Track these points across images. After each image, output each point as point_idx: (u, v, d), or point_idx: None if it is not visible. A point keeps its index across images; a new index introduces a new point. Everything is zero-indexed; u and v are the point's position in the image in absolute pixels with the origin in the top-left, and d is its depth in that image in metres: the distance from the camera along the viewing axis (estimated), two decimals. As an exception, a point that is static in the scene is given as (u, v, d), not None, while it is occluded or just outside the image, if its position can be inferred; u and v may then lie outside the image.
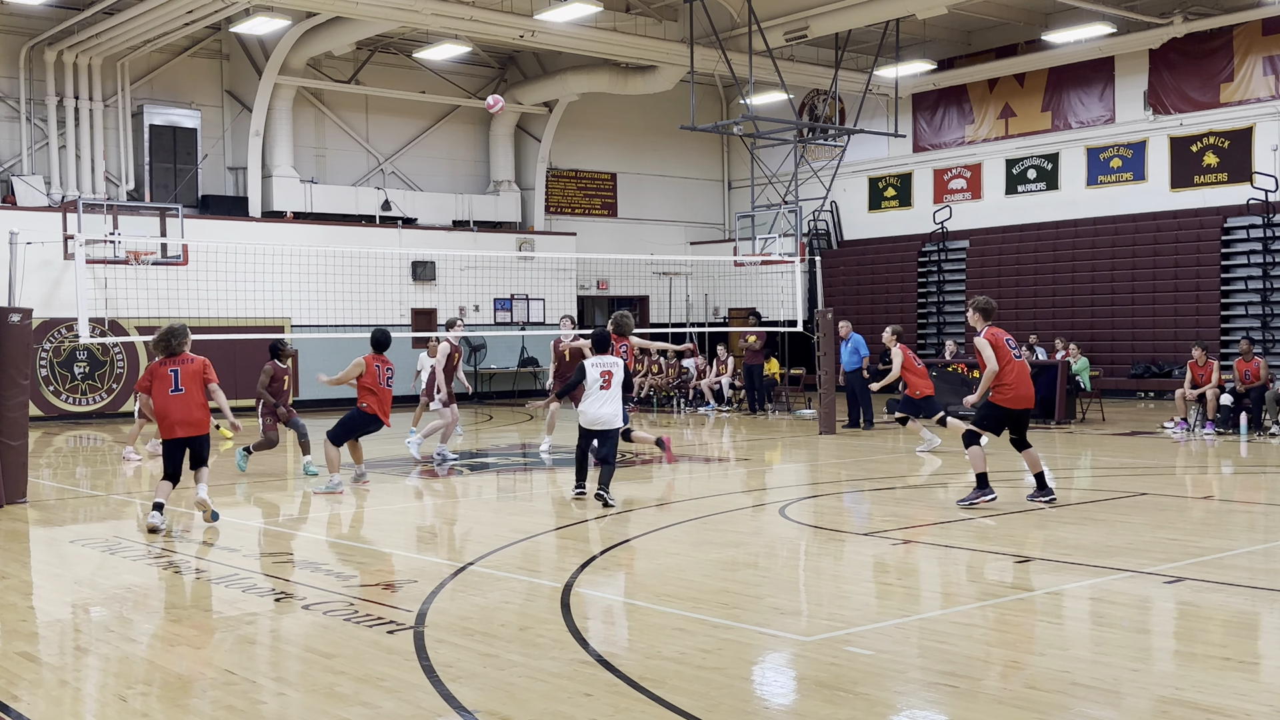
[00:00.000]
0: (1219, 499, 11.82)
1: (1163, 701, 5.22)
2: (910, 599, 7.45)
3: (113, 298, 21.73)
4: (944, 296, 28.29)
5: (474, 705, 5.25)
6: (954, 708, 5.19)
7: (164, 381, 10.11)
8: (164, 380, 10.12)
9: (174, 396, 10.09)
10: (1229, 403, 17.49)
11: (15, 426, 11.79)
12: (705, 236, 33.27)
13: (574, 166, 31.54)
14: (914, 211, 29.90)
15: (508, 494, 12.61)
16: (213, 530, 10.07)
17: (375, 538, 10.29)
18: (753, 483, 13.36)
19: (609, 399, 11.32)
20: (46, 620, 7.22)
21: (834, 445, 16.88)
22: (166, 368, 10.15)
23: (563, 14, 22.79)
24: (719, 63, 24.17)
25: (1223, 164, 24.77)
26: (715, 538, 9.69)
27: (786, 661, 6.05)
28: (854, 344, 19.23)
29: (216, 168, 26.21)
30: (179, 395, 10.09)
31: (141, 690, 5.62)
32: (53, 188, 23.71)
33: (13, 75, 23.80)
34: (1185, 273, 24.44)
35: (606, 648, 6.15)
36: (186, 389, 10.11)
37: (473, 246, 27.68)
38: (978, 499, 10.51)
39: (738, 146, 33.13)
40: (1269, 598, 7.19)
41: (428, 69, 28.73)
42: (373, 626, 6.63)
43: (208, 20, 22.61)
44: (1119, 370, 24.51)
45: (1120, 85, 26.18)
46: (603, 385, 11.32)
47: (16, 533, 10.33)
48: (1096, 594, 7.36)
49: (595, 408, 11.30)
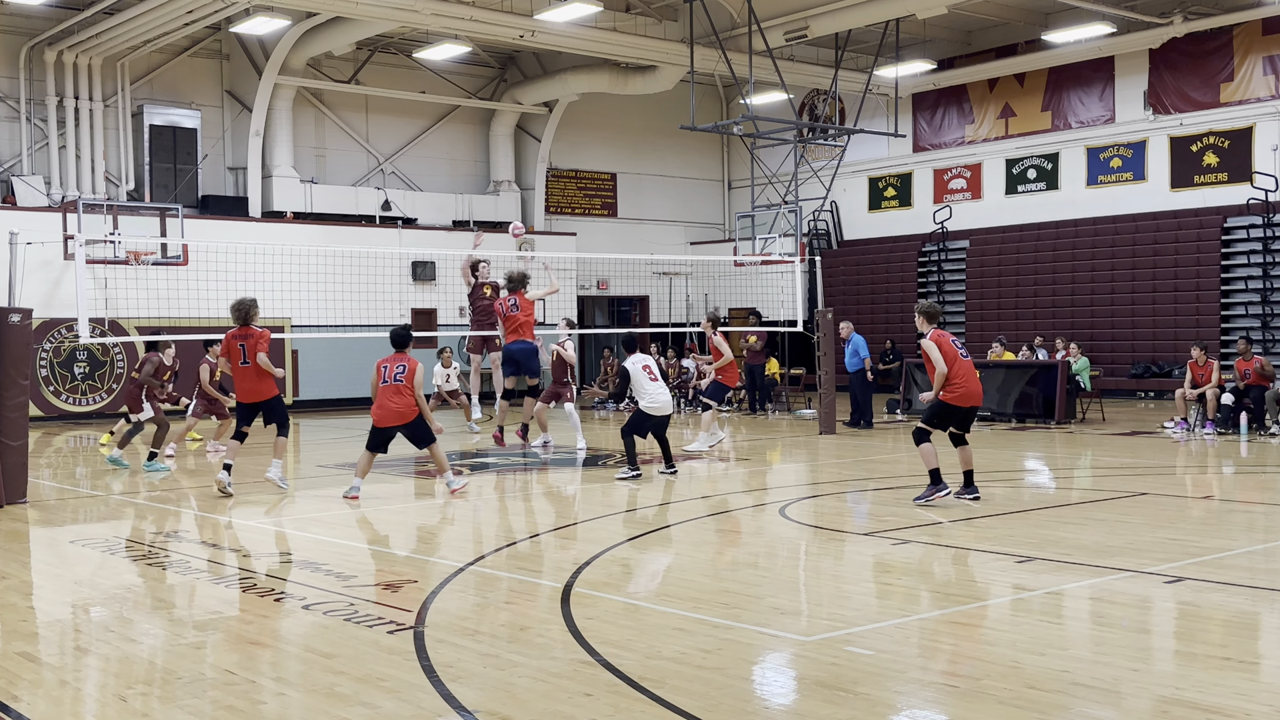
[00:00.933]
0: (1219, 499, 11.82)
1: (1163, 701, 5.22)
2: (910, 599, 7.45)
3: (113, 298, 21.73)
4: (944, 296, 28.28)
5: (474, 705, 5.25)
6: (954, 708, 5.19)
7: (234, 355, 11.67)
8: (235, 354, 11.67)
9: (242, 369, 11.59)
10: (1230, 402, 17.50)
11: (15, 426, 11.79)
12: (705, 236, 33.27)
13: (574, 166, 31.54)
14: (914, 211, 29.91)
15: (508, 494, 12.61)
16: (213, 530, 10.07)
17: (375, 538, 10.29)
18: (753, 483, 13.36)
19: (663, 387, 13.17)
20: (46, 620, 7.22)
21: (834, 445, 16.88)
22: (237, 342, 11.64)
23: (563, 14, 22.79)
24: (719, 63, 24.17)
25: (1223, 164, 24.77)
26: (715, 538, 9.68)
27: (786, 661, 6.05)
28: (855, 345, 19.22)
29: (216, 168, 26.21)
30: (246, 368, 11.60)
31: (141, 690, 5.62)
32: (53, 188, 23.71)
33: (13, 75, 23.81)
34: (1185, 273, 24.44)
35: (606, 648, 6.15)
36: (253, 362, 11.60)
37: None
38: (933, 495, 10.61)
39: (738, 146, 33.13)
40: (1269, 598, 7.19)
41: (428, 69, 28.73)
42: (373, 626, 6.63)
43: (208, 20, 22.62)
44: (1119, 370, 24.52)
45: (1120, 85, 26.18)
46: (651, 378, 13.02)
47: (16, 533, 10.34)
48: (1096, 594, 7.36)
49: (661, 395, 13.02)
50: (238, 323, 11.77)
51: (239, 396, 11.88)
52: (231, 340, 11.71)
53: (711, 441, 15.87)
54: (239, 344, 11.65)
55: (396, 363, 11.83)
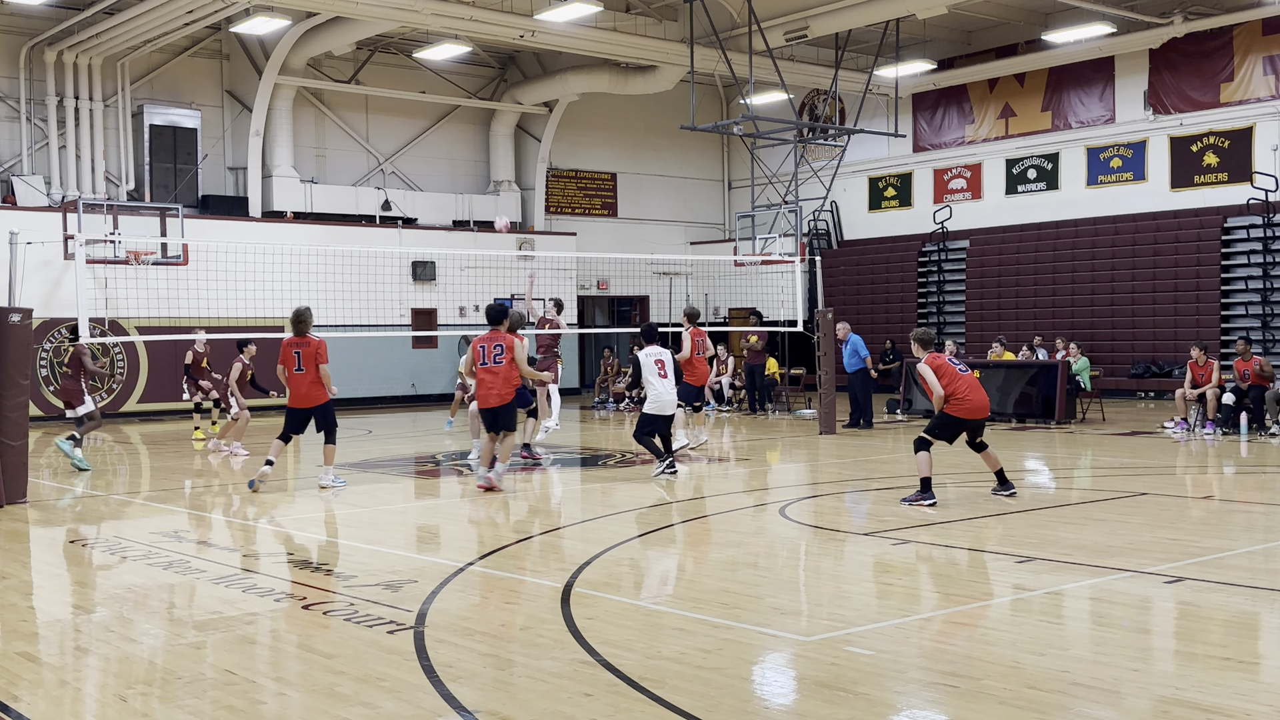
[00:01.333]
0: (1219, 499, 11.82)
1: (1163, 701, 5.22)
2: (910, 599, 7.45)
3: (113, 298, 21.72)
4: (944, 296, 28.29)
5: (474, 705, 5.25)
6: (954, 708, 5.19)
7: (290, 362, 12.15)
8: (290, 361, 12.14)
9: (297, 375, 12.12)
10: (1230, 402, 17.50)
11: (15, 426, 11.79)
12: (705, 236, 33.26)
13: (574, 166, 31.54)
14: (914, 211, 29.90)
15: (508, 494, 12.60)
16: (213, 530, 10.07)
17: (375, 538, 10.29)
18: (753, 483, 13.35)
19: (670, 385, 12.82)
20: (46, 620, 7.22)
21: (834, 445, 16.88)
22: (293, 349, 12.08)
23: (563, 14, 22.79)
24: (719, 63, 24.17)
25: (1223, 164, 24.77)
26: (715, 538, 9.68)
27: (786, 661, 6.05)
28: (853, 345, 19.22)
29: (216, 168, 26.20)
30: (301, 374, 12.11)
31: (141, 690, 5.62)
32: (53, 188, 23.71)
33: (13, 75, 23.80)
34: (1185, 273, 24.43)
35: (606, 648, 6.15)
36: (306, 369, 12.12)
37: (473, 246, 27.67)
38: (918, 500, 10.85)
39: (738, 146, 33.12)
40: (1269, 598, 7.19)
41: (428, 69, 28.73)
42: (373, 626, 6.63)
43: (208, 20, 22.61)
44: (1119, 370, 24.51)
45: (1120, 85, 26.18)
46: (661, 374, 12.73)
47: (16, 533, 10.33)
48: (1096, 594, 7.36)
49: (665, 394, 12.75)
50: (296, 332, 12.20)
51: (291, 401, 12.26)
52: (289, 348, 12.14)
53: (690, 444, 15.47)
54: (294, 351, 12.11)
55: (494, 342, 11.96)
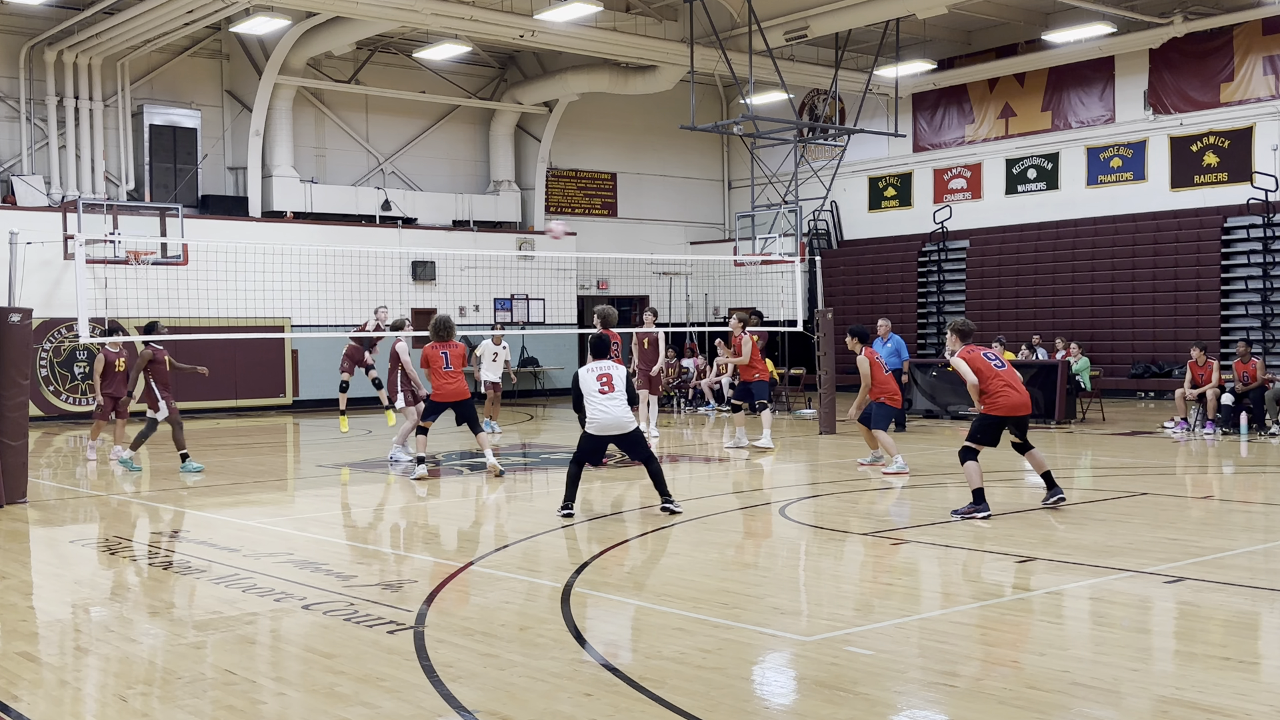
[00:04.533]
0: (1219, 499, 11.82)
1: (1163, 701, 5.22)
2: (910, 599, 7.45)
3: (113, 298, 21.72)
4: (944, 296, 28.28)
5: (474, 705, 5.25)
6: (954, 708, 5.19)
7: (438, 362, 13.09)
8: (438, 361, 13.08)
9: (445, 374, 13.03)
10: (1230, 402, 17.50)
11: (15, 426, 11.79)
12: (705, 236, 33.26)
13: (574, 166, 31.53)
14: (914, 211, 29.90)
15: (508, 494, 12.60)
16: (213, 530, 10.07)
17: (375, 538, 10.29)
18: (753, 483, 13.35)
19: (616, 401, 10.42)
20: (46, 620, 7.22)
21: (834, 445, 16.88)
22: (439, 350, 13.10)
23: (563, 14, 22.78)
24: (719, 63, 24.17)
25: (1223, 164, 24.77)
26: (715, 538, 9.68)
27: (786, 661, 6.05)
28: (894, 345, 18.33)
29: (216, 168, 26.20)
30: (449, 373, 13.05)
31: (141, 690, 5.62)
32: (53, 188, 23.70)
33: (13, 75, 23.80)
34: (1185, 273, 24.43)
35: (606, 648, 6.15)
36: (455, 368, 13.15)
37: (473, 246, 27.67)
38: (971, 513, 10.36)
39: (738, 146, 33.12)
40: (1269, 598, 7.19)
41: (428, 69, 28.73)
42: (373, 626, 6.63)
43: (208, 20, 22.61)
44: (1119, 370, 24.51)
45: (1120, 85, 26.18)
46: (601, 389, 10.42)
47: (16, 533, 10.34)
48: (1096, 594, 7.36)
49: (604, 413, 10.38)
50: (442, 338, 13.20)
51: (435, 396, 13.15)
52: (434, 350, 13.12)
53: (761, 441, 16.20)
54: (441, 352, 13.12)
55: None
